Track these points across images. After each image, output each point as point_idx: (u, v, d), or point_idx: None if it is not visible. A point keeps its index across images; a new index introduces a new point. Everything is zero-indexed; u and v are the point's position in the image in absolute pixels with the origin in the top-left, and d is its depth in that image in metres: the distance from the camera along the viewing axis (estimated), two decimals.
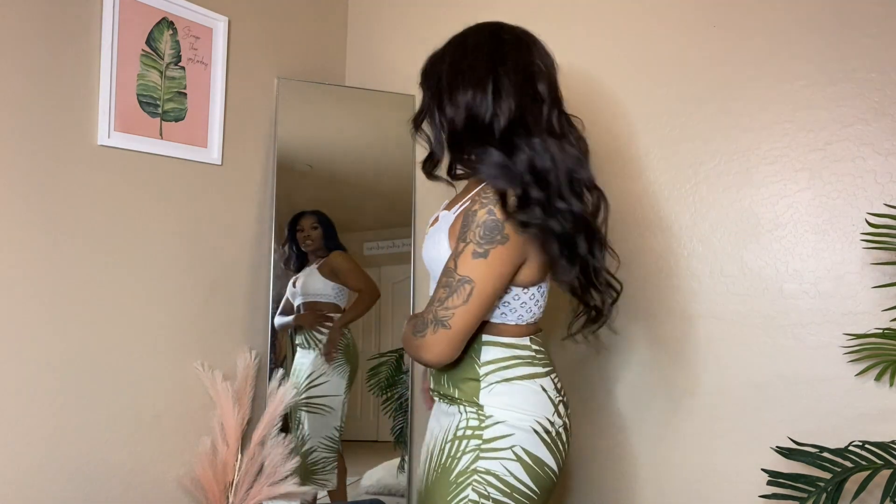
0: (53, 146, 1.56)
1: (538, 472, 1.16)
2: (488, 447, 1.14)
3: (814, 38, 1.57)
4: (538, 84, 1.16)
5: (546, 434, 1.17)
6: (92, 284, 1.64)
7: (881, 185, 1.49)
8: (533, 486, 1.15)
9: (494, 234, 1.08)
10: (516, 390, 1.18)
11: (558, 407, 1.22)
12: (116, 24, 1.66)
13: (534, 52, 1.20)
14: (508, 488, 1.13)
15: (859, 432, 1.45)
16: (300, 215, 2.13)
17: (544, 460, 1.16)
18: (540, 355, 1.25)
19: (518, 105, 1.13)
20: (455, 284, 1.08)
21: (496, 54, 1.16)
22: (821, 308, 1.55)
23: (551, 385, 1.22)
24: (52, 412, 1.57)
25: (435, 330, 1.09)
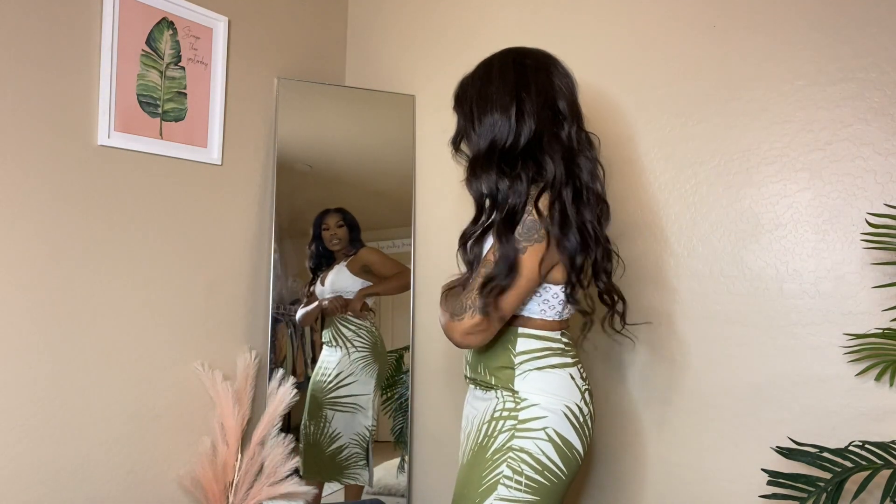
0: (53, 146, 1.56)
1: (567, 453, 1.26)
2: (523, 427, 1.24)
3: (814, 38, 1.57)
4: (559, 103, 1.28)
5: (575, 419, 1.28)
6: (92, 284, 1.64)
7: (881, 185, 1.49)
8: (562, 465, 1.25)
9: (533, 232, 1.21)
10: (549, 377, 1.29)
11: (584, 395, 1.32)
12: (116, 24, 1.66)
13: (554, 74, 1.31)
14: (540, 466, 1.22)
15: (859, 432, 1.45)
16: (325, 213, 2.15)
17: (573, 443, 1.26)
18: (569, 347, 1.36)
19: (538, 125, 1.26)
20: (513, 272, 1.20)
21: (520, 79, 1.28)
22: (821, 308, 1.55)
23: (578, 374, 1.34)
24: (53, 412, 1.57)
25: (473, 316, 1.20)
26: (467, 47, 2.12)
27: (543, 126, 1.26)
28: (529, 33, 2.01)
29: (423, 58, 2.22)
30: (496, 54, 1.36)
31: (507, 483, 1.21)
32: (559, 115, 1.27)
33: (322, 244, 2.17)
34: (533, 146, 1.25)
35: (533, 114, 1.26)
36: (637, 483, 1.78)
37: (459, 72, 2.13)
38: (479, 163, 1.28)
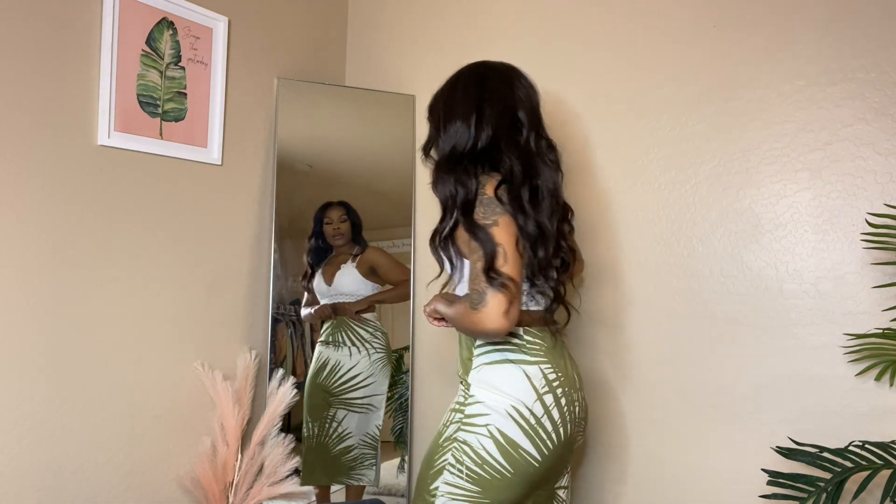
0: (53, 146, 1.56)
1: (512, 453, 1.26)
2: (468, 422, 1.30)
3: (814, 38, 1.57)
4: (518, 112, 1.36)
5: (524, 420, 1.26)
6: (92, 284, 1.64)
7: (881, 185, 1.49)
8: (506, 464, 1.26)
9: (494, 207, 1.25)
10: (500, 373, 1.30)
11: (543, 396, 1.28)
12: (116, 24, 1.66)
13: (515, 85, 1.39)
14: (480, 460, 1.26)
15: (859, 432, 1.45)
16: (327, 206, 2.13)
17: (519, 443, 1.26)
18: (532, 345, 1.33)
19: (496, 131, 1.33)
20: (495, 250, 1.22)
21: (482, 90, 1.37)
22: (821, 308, 1.55)
23: (539, 374, 1.30)
24: (53, 412, 1.57)
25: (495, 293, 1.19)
26: (467, 47, 2.12)
27: (501, 132, 1.33)
28: (529, 33, 2.01)
29: (424, 58, 2.22)
30: (464, 68, 1.46)
31: (451, 470, 1.29)
32: (518, 122, 1.35)
33: (323, 239, 2.15)
34: (491, 150, 1.32)
35: (492, 121, 1.34)
36: (637, 483, 1.78)
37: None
38: (442, 167, 1.35)
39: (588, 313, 1.88)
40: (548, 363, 1.32)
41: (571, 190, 1.91)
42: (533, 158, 1.33)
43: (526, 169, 1.31)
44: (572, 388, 1.35)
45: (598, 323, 1.86)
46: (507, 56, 2.03)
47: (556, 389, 1.31)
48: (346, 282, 2.13)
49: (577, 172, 1.90)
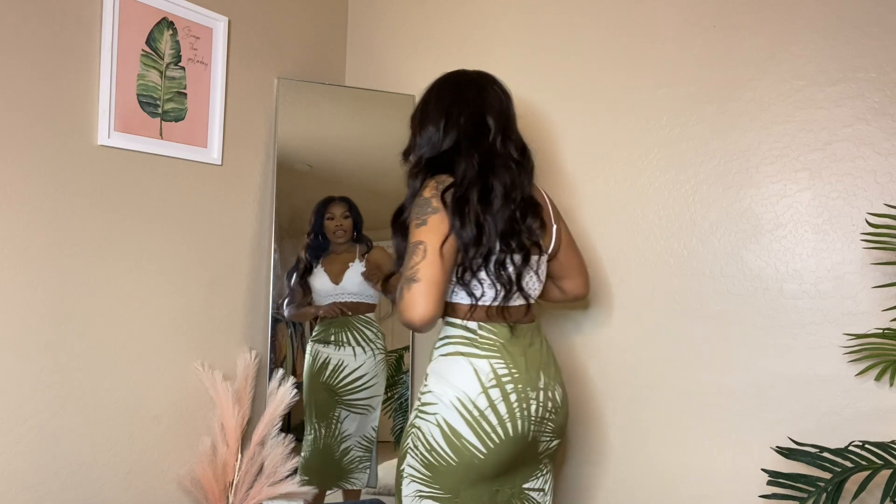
0: (53, 146, 1.56)
1: (456, 443, 1.31)
2: (422, 410, 1.36)
3: (814, 38, 1.57)
4: (487, 117, 1.42)
5: (467, 412, 1.31)
6: (92, 284, 1.64)
7: (881, 185, 1.49)
8: (451, 453, 1.32)
9: (426, 207, 1.33)
10: (449, 366, 1.36)
11: (489, 390, 1.32)
12: (116, 24, 1.66)
13: (486, 91, 1.46)
14: (429, 446, 1.34)
15: (859, 432, 1.45)
16: (329, 201, 2.10)
17: (463, 434, 1.31)
18: (485, 340, 1.37)
19: (459, 135, 1.41)
20: (412, 249, 1.31)
21: (453, 97, 1.45)
22: (821, 308, 1.55)
23: (488, 368, 1.33)
24: (53, 412, 1.57)
25: (409, 287, 1.27)
26: (467, 47, 2.12)
27: (464, 136, 1.40)
28: (529, 32, 2.01)
29: (424, 58, 2.22)
30: (441, 77, 1.53)
31: (411, 453, 1.37)
32: (485, 126, 1.42)
33: (323, 234, 2.11)
34: (452, 153, 1.40)
35: (457, 126, 1.41)
36: (637, 483, 1.78)
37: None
38: (412, 170, 1.45)
39: (588, 313, 1.88)
40: (499, 358, 1.35)
41: (571, 191, 1.91)
42: (494, 160, 1.39)
43: (483, 170, 1.37)
44: (529, 385, 1.36)
45: (597, 323, 1.86)
46: (508, 55, 2.04)
47: (506, 385, 1.33)
48: (356, 281, 2.10)
49: (576, 173, 1.90)
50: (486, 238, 1.34)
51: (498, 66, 2.05)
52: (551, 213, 1.53)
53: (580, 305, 1.89)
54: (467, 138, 1.40)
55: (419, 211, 1.34)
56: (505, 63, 2.05)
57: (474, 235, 1.32)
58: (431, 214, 1.32)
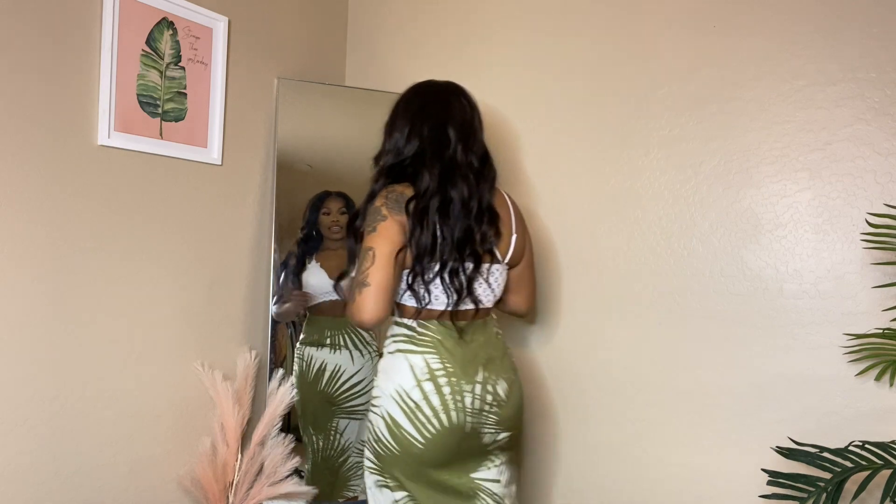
0: (53, 146, 1.56)
1: (396, 433, 1.42)
2: (372, 404, 1.48)
3: (814, 38, 1.57)
4: (449, 128, 1.48)
5: (405, 404, 1.41)
6: (92, 284, 1.64)
7: (881, 185, 1.49)
8: (393, 442, 1.42)
9: (376, 216, 1.42)
10: (390, 362, 1.47)
11: (423, 384, 1.41)
12: (116, 24, 1.66)
13: (451, 103, 1.53)
14: (376, 436, 1.45)
15: (859, 432, 1.45)
16: (326, 196, 2.07)
17: (402, 425, 1.41)
18: (423, 337, 1.46)
19: (422, 145, 1.47)
20: (363, 254, 1.40)
21: (419, 107, 1.52)
22: (821, 308, 1.55)
23: (423, 364, 1.43)
24: (53, 412, 1.57)
25: (360, 291, 1.37)
26: (467, 47, 2.12)
27: (427, 146, 1.47)
28: (528, 30, 2.01)
29: (423, 58, 2.22)
30: (411, 86, 1.59)
31: (367, 445, 1.49)
32: (446, 137, 1.48)
33: (317, 230, 2.06)
34: (417, 163, 1.47)
35: (419, 135, 1.48)
36: (636, 483, 1.78)
37: (459, 71, 2.13)
38: (375, 175, 1.53)
39: (587, 313, 1.88)
40: (434, 354, 1.44)
41: (571, 191, 1.91)
42: (454, 171, 1.46)
43: (442, 181, 1.44)
44: (464, 379, 1.44)
45: (597, 323, 1.86)
46: (507, 54, 2.04)
47: (439, 379, 1.42)
48: None
49: (576, 173, 1.90)
50: (442, 248, 1.41)
51: (498, 65, 2.06)
52: (512, 223, 1.58)
53: (579, 305, 1.89)
54: (429, 148, 1.47)
55: (370, 219, 1.42)
56: (505, 62, 2.05)
57: (429, 245, 1.40)
58: (381, 222, 1.40)
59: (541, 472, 1.95)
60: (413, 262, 1.42)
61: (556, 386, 1.93)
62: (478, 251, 1.46)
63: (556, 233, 1.93)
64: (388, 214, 1.41)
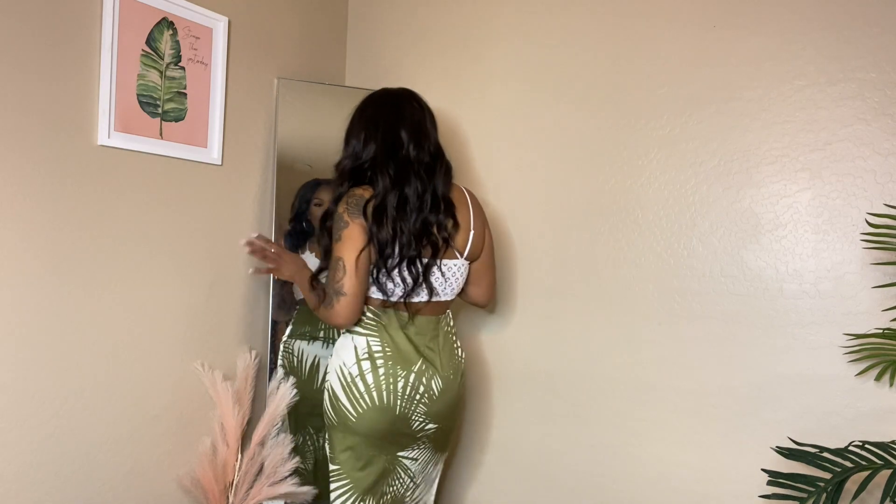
0: (53, 146, 1.56)
1: (336, 405, 1.57)
2: (324, 380, 1.64)
3: (814, 38, 1.57)
4: (401, 131, 1.59)
5: (343, 378, 1.56)
6: (91, 284, 1.64)
7: (881, 185, 1.49)
8: (333, 414, 1.58)
9: (340, 223, 1.53)
10: (340, 342, 1.62)
11: (361, 362, 1.56)
12: (116, 24, 1.66)
13: (403, 107, 1.64)
14: (325, 407, 1.62)
15: (859, 432, 1.45)
16: (317, 184, 2.03)
17: (339, 396, 1.56)
18: (369, 321, 1.59)
19: (378, 148, 1.58)
20: (334, 264, 1.52)
21: (372, 114, 1.64)
22: (821, 308, 1.55)
23: (364, 344, 1.57)
24: (53, 412, 1.57)
25: (338, 300, 1.50)
26: (467, 47, 2.12)
27: (382, 149, 1.58)
28: (528, 33, 2.01)
29: (424, 58, 2.22)
30: (367, 96, 1.70)
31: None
32: (399, 139, 1.59)
33: (308, 221, 2.00)
34: (374, 165, 1.57)
35: (375, 139, 1.59)
36: (636, 482, 1.79)
37: (459, 71, 2.13)
38: (338, 179, 1.62)
39: (587, 312, 1.88)
40: (376, 337, 1.57)
41: (571, 191, 1.91)
42: (408, 169, 1.57)
43: (398, 179, 1.55)
44: (400, 364, 1.56)
45: (597, 321, 1.86)
46: (507, 54, 2.04)
47: (376, 360, 1.55)
48: None
49: (576, 173, 1.90)
50: (401, 240, 1.53)
51: (497, 64, 2.06)
52: (471, 219, 1.67)
53: (578, 304, 1.89)
54: (384, 150, 1.58)
55: (336, 227, 1.53)
56: (504, 62, 2.05)
57: (390, 238, 1.52)
58: (344, 229, 1.52)
59: (541, 471, 1.95)
60: (376, 258, 1.53)
61: (554, 386, 1.93)
62: (436, 241, 1.58)
63: (555, 233, 1.93)
64: (349, 220, 1.52)
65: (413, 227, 1.54)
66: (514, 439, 2.01)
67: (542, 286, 1.95)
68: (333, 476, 1.62)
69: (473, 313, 2.08)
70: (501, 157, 2.05)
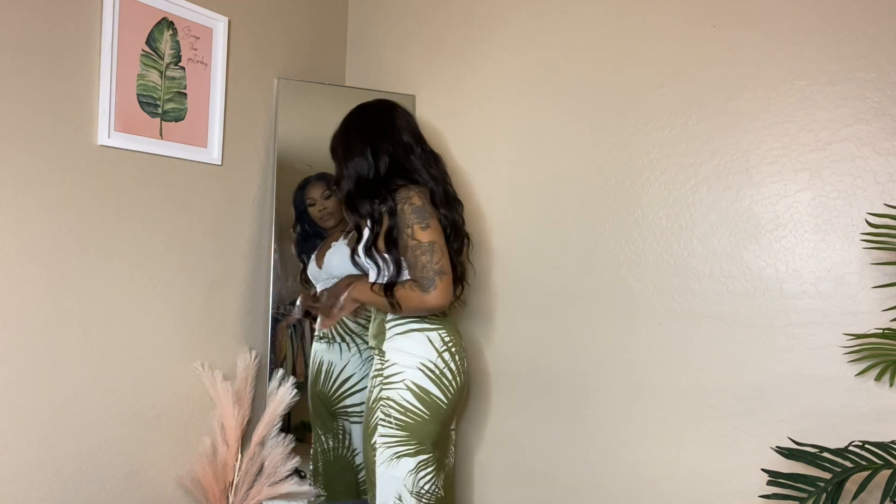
0: (53, 146, 1.56)
1: (425, 398, 1.60)
2: (388, 382, 1.62)
3: (814, 38, 1.57)
4: (403, 137, 1.69)
5: (430, 372, 1.61)
6: (92, 284, 1.64)
7: (881, 185, 1.49)
8: (422, 407, 1.60)
9: (424, 213, 1.59)
10: (408, 340, 1.64)
11: (443, 353, 1.64)
12: (116, 24, 1.66)
13: (395, 117, 1.72)
14: (403, 409, 1.60)
15: (859, 432, 1.45)
16: (305, 185, 2.00)
17: (430, 390, 1.61)
18: (432, 316, 1.66)
19: (393, 157, 1.66)
20: (429, 248, 1.56)
21: (369, 128, 1.70)
22: (821, 308, 1.55)
23: (437, 337, 1.65)
24: (53, 412, 1.57)
25: (441, 279, 1.55)
26: (467, 47, 2.12)
27: (398, 156, 1.66)
28: (528, 33, 2.01)
29: (424, 58, 2.22)
30: (351, 112, 1.76)
31: (382, 423, 1.61)
32: (406, 144, 1.69)
33: (310, 223, 1.97)
34: (395, 172, 1.65)
35: (386, 150, 1.66)
36: (637, 483, 1.78)
37: (460, 71, 2.13)
38: (354, 194, 1.65)
39: (587, 311, 1.88)
40: (444, 329, 1.67)
41: (571, 191, 1.91)
42: (427, 170, 1.68)
43: (433, 179, 1.67)
44: (462, 348, 1.71)
45: (597, 321, 1.86)
46: (507, 54, 2.04)
47: (452, 349, 1.66)
48: (336, 262, 1.94)
49: (577, 173, 1.90)
50: (458, 229, 1.70)
51: (498, 64, 2.06)
52: None
53: (577, 304, 1.89)
54: (400, 156, 1.67)
55: (420, 216, 1.58)
56: (505, 62, 2.05)
57: (452, 227, 1.67)
58: (431, 217, 1.59)
59: (539, 471, 1.95)
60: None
61: (553, 386, 1.93)
62: (465, 235, 1.75)
63: (555, 233, 1.93)
64: (432, 212, 1.61)
65: (456, 221, 1.70)
66: (514, 439, 2.01)
67: (542, 286, 1.95)
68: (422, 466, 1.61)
69: (473, 314, 2.08)
70: (501, 157, 2.05)
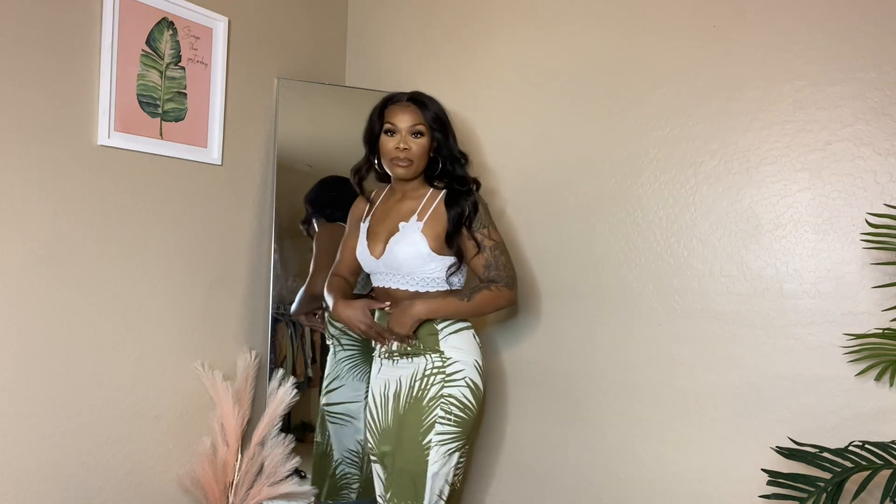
0: (53, 146, 1.56)
1: (477, 393, 1.66)
2: (450, 380, 1.62)
3: (814, 38, 1.57)
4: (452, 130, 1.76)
5: (479, 367, 1.67)
6: (92, 284, 1.64)
7: (881, 185, 1.49)
8: (476, 404, 1.65)
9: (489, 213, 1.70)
10: (461, 338, 1.67)
11: (480, 349, 1.70)
12: (116, 24, 1.66)
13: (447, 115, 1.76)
14: (462, 406, 1.62)
15: (859, 432, 1.45)
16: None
17: (480, 386, 1.67)
18: None
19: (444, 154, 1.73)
20: (504, 248, 1.68)
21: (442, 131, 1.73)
22: (821, 308, 1.55)
23: (475, 335, 1.71)
24: (53, 412, 1.57)
25: (516, 281, 1.67)
26: (467, 47, 2.12)
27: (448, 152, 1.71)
28: (528, 33, 2.01)
29: (423, 57, 2.22)
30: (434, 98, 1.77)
31: (441, 421, 1.60)
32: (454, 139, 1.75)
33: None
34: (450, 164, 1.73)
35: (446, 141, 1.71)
36: (636, 482, 1.78)
37: (459, 71, 2.13)
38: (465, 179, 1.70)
39: (587, 312, 1.88)
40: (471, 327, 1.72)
41: (571, 190, 1.91)
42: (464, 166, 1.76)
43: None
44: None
45: (597, 321, 1.86)
46: (507, 54, 2.04)
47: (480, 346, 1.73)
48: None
49: (576, 173, 1.90)
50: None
51: (498, 64, 2.06)
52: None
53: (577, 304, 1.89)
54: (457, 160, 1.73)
55: (488, 216, 1.68)
56: (505, 62, 2.05)
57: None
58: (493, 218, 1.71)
59: (540, 470, 1.95)
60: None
61: (554, 386, 1.93)
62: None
63: (555, 233, 1.93)
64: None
65: None
66: (513, 439, 2.01)
67: (542, 286, 1.95)
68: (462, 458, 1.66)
69: None
70: (500, 157, 2.05)
